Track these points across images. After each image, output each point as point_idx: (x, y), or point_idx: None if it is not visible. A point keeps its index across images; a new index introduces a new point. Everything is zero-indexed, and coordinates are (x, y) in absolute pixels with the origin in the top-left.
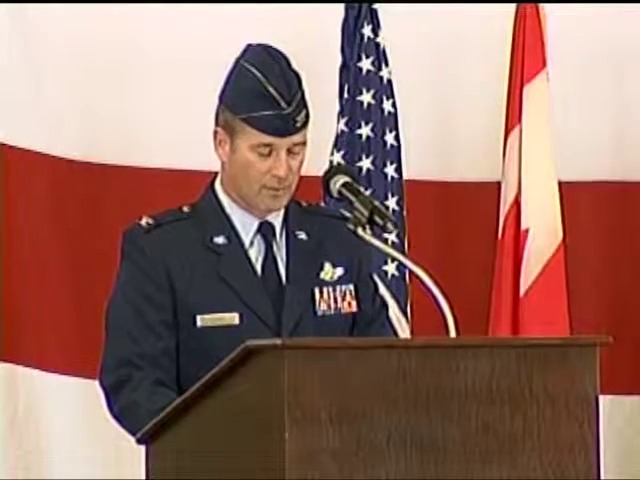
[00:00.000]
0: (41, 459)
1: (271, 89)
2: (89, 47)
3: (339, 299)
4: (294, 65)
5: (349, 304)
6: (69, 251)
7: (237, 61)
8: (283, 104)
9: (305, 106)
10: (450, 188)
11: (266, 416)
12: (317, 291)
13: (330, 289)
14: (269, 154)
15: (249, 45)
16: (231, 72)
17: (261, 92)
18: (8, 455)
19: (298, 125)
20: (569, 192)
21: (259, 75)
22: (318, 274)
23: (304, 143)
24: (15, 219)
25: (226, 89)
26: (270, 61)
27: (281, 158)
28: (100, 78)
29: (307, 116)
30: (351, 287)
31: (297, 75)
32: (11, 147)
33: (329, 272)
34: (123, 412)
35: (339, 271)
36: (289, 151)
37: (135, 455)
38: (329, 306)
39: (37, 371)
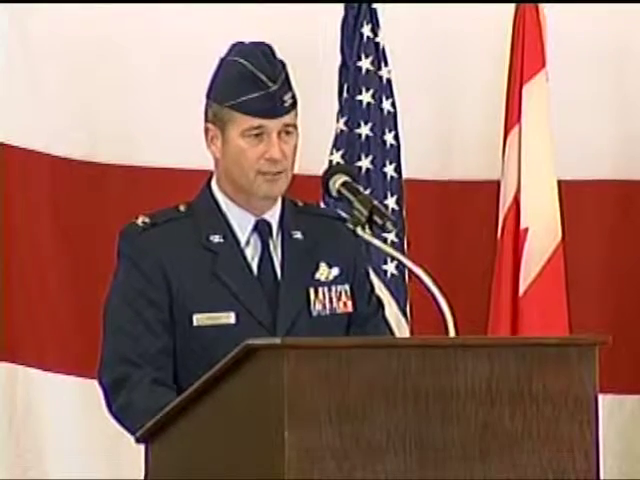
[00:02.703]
0: (40, 458)
1: (255, 71)
2: (88, 47)
3: (334, 299)
4: (279, 54)
5: (345, 304)
6: (68, 250)
7: (222, 59)
8: (269, 83)
9: (290, 88)
10: (449, 187)
11: (265, 415)
12: (312, 291)
13: (325, 289)
14: (260, 139)
15: (233, 45)
16: (217, 69)
17: (246, 76)
18: (7, 454)
19: (286, 105)
20: (571, 191)
21: (243, 61)
22: (313, 274)
23: (295, 126)
24: (14, 219)
25: (212, 84)
26: (254, 49)
27: (273, 140)
28: (99, 78)
29: (294, 98)
30: (347, 287)
31: (281, 61)
32: (10, 147)
33: (324, 272)
34: (122, 411)
35: (335, 271)
36: (280, 134)
37: (134, 454)
38: (324, 306)
39: (36, 371)
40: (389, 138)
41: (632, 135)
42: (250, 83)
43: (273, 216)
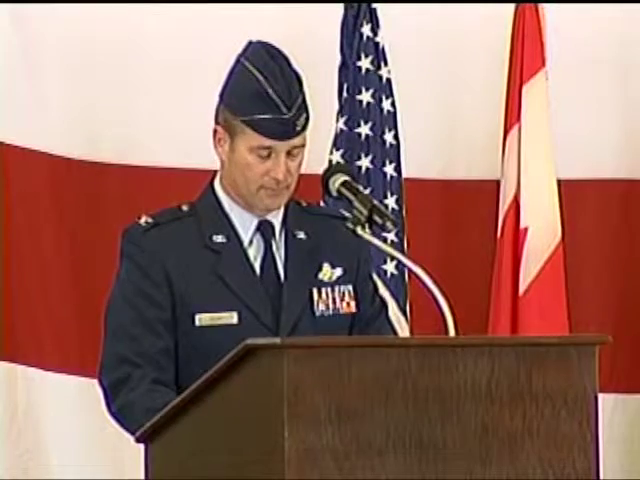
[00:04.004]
0: (40, 458)
1: (272, 93)
2: (89, 46)
3: (338, 300)
4: (294, 65)
5: (348, 304)
6: (69, 250)
7: (238, 59)
8: (284, 109)
9: (305, 110)
10: (450, 186)
11: (265, 415)
12: (315, 291)
13: (329, 289)
14: (268, 156)
15: (250, 42)
16: (232, 70)
17: (262, 95)
18: (7, 455)
19: (298, 129)
20: (571, 191)
21: (260, 77)
22: (316, 275)
23: (303, 145)
24: (14, 218)
25: (227, 88)
26: (271, 62)
27: (280, 160)
28: (100, 77)
29: (307, 119)
30: (350, 287)
31: (298, 77)
32: (11, 146)
33: (327, 272)
34: (122, 411)
35: (338, 271)
36: (288, 153)
37: (134, 454)
38: (327, 306)
39: (36, 370)
40: (389, 137)
41: (632, 134)
42: (265, 104)
43: (276, 216)
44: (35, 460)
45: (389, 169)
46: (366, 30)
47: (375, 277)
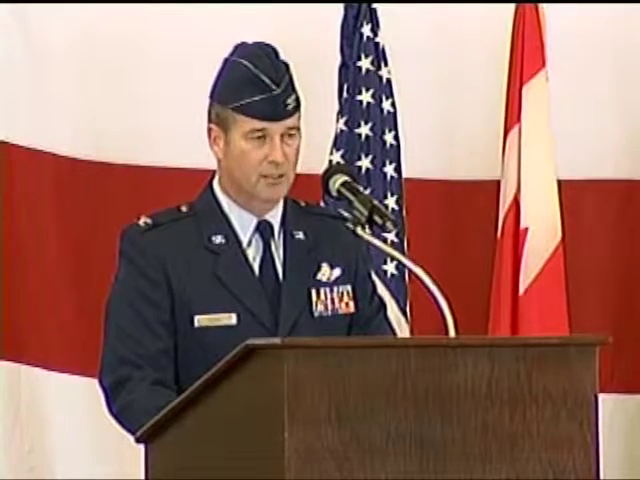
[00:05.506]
0: (44, 458)
1: (259, 73)
2: (92, 46)
3: (336, 300)
4: (282, 56)
5: (347, 305)
6: (72, 250)
7: (226, 60)
8: (273, 86)
9: (294, 90)
10: (450, 187)
11: (265, 415)
12: (314, 292)
13: (327, 290)
14: (263, 141)
15: (237, 45)
16: (220, 70)
17: (250, 78)
18: (11, 454)
19: (289, 108)
20: (572, 191)
21: (247, 63)
22: (315, 275)
23: (298, 129)
24: (18, 217)
25: (215, 85)
26: (258, 52)
27: (275, 143)
28: (104, 77)
29: (298, 100)
30: (349, 288)
31: (285, 63)
32: (14, 146)
33: (326, 273)
34: (122, 411)
35: (336, 272)
36: (283, 137)
37: (138, 454)
38: (326, 307)
39: (40, 370)
40: (389, 138)
41: (633, 134)
42: (254, 85)
43: (275, 217)
44: (38, 460)
45: (389, 169)
46: (366, 30)
47: (374, 277)
